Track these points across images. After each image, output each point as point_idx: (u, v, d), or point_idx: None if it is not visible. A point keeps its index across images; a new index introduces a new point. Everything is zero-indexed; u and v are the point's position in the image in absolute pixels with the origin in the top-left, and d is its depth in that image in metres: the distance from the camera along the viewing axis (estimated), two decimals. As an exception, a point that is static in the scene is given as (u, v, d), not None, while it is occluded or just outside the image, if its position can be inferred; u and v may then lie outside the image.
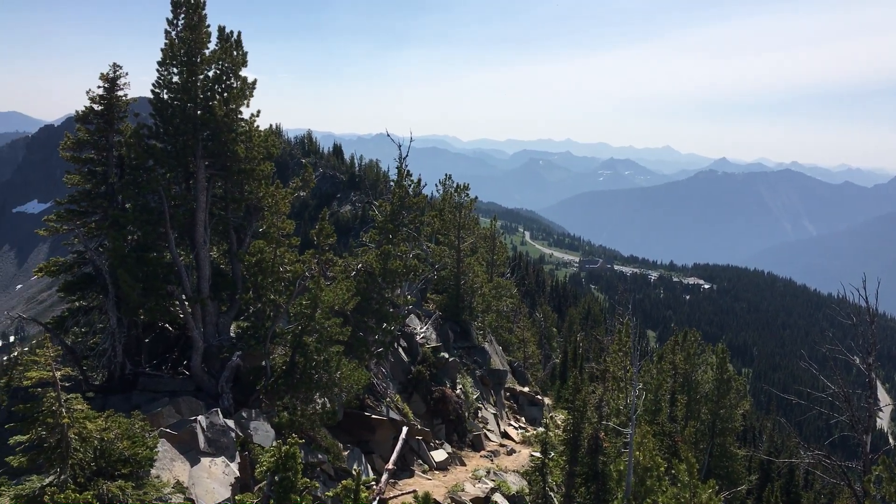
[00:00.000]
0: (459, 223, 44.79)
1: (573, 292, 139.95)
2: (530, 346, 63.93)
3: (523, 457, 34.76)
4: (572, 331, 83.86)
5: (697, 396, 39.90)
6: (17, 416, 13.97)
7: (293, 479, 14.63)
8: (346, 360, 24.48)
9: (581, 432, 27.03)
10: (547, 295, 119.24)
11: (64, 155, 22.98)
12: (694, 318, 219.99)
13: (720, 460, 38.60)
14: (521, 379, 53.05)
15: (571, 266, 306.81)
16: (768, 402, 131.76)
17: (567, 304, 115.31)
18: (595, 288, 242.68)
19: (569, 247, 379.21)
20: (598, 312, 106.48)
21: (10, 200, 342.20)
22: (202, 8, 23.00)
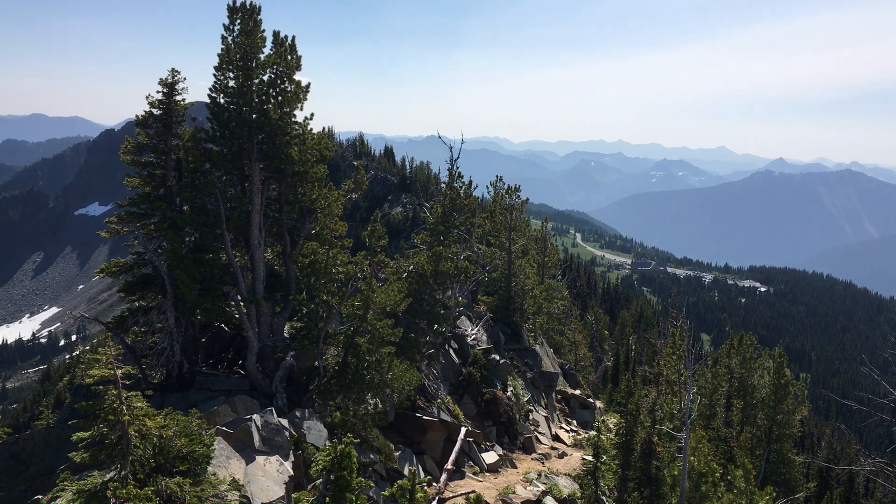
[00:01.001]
0: (510, 225, 44.67)
1: (625, 295, 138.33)
2: (581, 349, 63.42)
3: (575, 460, 34.49)
4: (624, 333, 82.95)
5: (754, 401, 39.14)
6: (79, 412, 14.33)
7: (348, 478, 14.75)
8: (397, 361, 24.59)
9: (634, 436, 26.70)
10: (598, 297, 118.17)
11: (124, 159, 23.53)
12: (749, 322, 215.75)
13: (777, 467, 37.81)
14: (573, 382, 52.65)
15: (623, 268, 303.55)
16: (827, 408, 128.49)
17: (619, 307, 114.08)
18: (647, 290, 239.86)
19: (621, 249, 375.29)
20: (650, 315, 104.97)
21: (73, 203, 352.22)
22: (257, 13, 23.38)
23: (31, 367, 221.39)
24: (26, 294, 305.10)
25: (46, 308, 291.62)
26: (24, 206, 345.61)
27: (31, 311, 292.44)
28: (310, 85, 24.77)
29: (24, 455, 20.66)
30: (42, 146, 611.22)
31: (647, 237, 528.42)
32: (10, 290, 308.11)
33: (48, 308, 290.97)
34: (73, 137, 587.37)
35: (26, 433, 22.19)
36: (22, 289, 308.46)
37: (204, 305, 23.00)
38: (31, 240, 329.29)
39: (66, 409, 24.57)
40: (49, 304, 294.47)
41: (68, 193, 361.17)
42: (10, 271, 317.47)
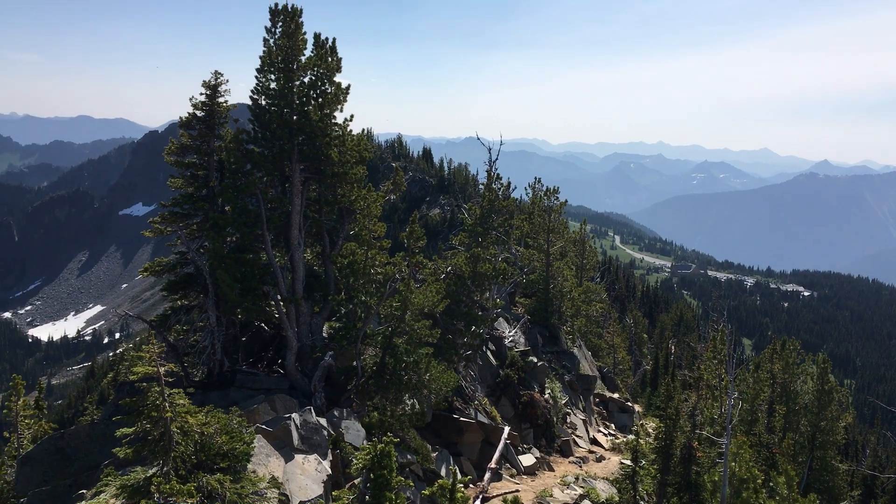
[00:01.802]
0: (549, 227, 44.49)
1: (665, 298, 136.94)
2: (620, 352, 62.91)
3: (613, 464, 34.21)
4: (664, 337, 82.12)
5: (797, 407, 38.49)
6: (123, 409, 14.57)
7: (388, 477, 14.80)
8: (435, 362, 24.62)
9: (673, 441, 26.42)
10: (637, 300, 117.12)
11: (168, 160, 23.90)
12: (792, 327, 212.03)
13: (821, 474, 37.14)
14: (611, 385, 52.23)
15: (663, 271, 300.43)
16: (872, 415, 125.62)
17: (658, 310, 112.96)
18: (687, 294, 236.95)
19: (660, 251, 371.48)
20: (690, 319, 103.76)
21: (117, 203, 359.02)
22: (299, 16, 23.60)
23: (76, 363, 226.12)
24: (72, 292, 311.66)
25: (91, 306, 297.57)
26: (71, 206, 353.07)
27: (77, 309, 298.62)
28: (350, 87, 24.92)
29: (69, 450, 21.07)
30: (88, 147, 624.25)
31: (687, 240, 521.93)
32: (57, 288, 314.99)
33: (93, 306, 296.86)
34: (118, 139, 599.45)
35: (71, 429, 22.63)
36: (68, 287, 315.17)
37: (244, 305, 23.26)
38: (77, 239, 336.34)
39: (110, 406, 25.02)
40: (94, 302, 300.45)
41: (113, 194, 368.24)
42: (57, 270, 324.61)
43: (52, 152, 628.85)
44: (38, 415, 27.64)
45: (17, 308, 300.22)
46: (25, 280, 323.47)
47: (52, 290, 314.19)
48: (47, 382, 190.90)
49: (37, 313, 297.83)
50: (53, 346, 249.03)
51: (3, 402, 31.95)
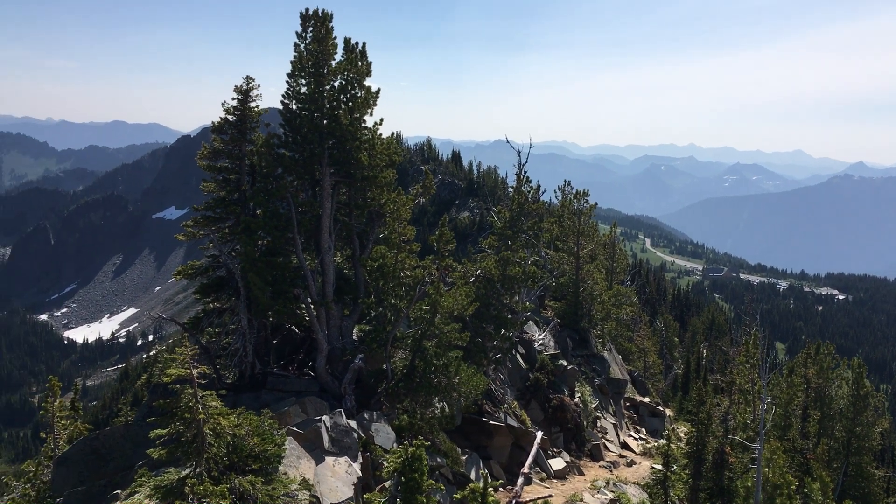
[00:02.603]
0: (578, 230, 44.29)
1: (696, 301, 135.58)
2: (651, 356, 62.38)
3: (644, 469, 33.94)
4: (695, 341, 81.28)
5: (831, 412, 37.92)
6: (157, 410, 14.75)
7: (419, 481, 14.82)
8: (464, 366, 24.64)
9: (705, 446, 26.15)
10: (668, 304, 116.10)
11: (201, 164, 24.20)
12: (827, 331, 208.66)
13: (856, 480, 36.54)
14: (642, 389, 51.84)
15: (694, 274, 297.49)
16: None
17: (689, 314, 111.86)
18: (719, 297, 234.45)
19: (692, 254, 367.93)
20: (722, 322, 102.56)
21: (151, 207, 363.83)
22: (329, 21, 23.77)
23: (111, 365, 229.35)
24: (106, 295, 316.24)
25: (125, 309, 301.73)
26: (105, 209, 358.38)
27: (111, 311, 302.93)
28: (379, 91, 25.05)
29: (104, 451, 21.37)
30: (122, 152, 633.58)
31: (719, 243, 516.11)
32: (92, 290, 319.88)
33: (127, 309, 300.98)
34: (152, 143, 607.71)
35: (106, 429, 22.96)
36: (102, 290, 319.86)
37: (275, 307, 23.45)
38: (112, 242, 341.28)
39: (143, 407, 25.34)
40: (128, 304, 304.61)
41: (146, 198, 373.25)
42: (92, 273, 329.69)
43: (88, 157, 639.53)
44: (73, 416, 28.02)
45: (53, 310, 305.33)
46: (61, 283, 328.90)
47: (88, 292, 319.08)
48: (82, 384, 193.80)
49: (72, 316, 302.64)
50: (88, 347, 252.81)
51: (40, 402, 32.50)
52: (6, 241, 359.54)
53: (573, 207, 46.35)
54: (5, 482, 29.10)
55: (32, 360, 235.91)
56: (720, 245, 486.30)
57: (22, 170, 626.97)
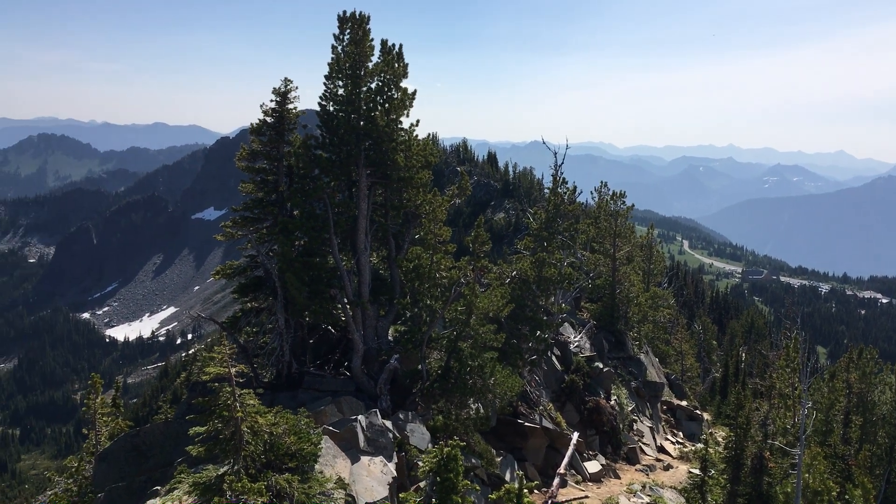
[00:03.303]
0: (615, 231, 43.94)
1: (735, 304, 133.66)
2: (688, 359, 61.68)
3: (681, 473, 33.59)
4: (734, 344, 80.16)
5: (874, 418, 37.09)
6: (196, 408, 14.96)
7: (454, 481, 14.83)
8: (499, 367, 24.60)
9: (744, 450, 25.81)
10: (706, 306, 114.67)
11: (239, 165, 24.48)
12: (870, 335, 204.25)
13: (899, 488, 35.74)
14: (679, 392, 51.28)
15: (733, 277, 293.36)
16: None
17: (728, 317, 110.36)
18: (759, 300, 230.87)
19: (730, 256, 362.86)
20: (762, 326, 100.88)
21: (190, 208, 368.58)
22: (366, 23, 23.91)
23: (151, 363, 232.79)
24: (147, 294, 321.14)
25: (165, 308, 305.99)
26: (146, 210, 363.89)
27: (151, 310, 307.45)
28: (416, 92, 25.13)
29: (144, 447, 21.73)
30: (163, 153, 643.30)
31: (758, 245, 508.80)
32: (133, 289, 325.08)
33: (167, 308, 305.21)
34: (192, 145, 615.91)
35: (146, 426, 23.33)
36: (143, 289, 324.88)
37: (312, 307, 23.65)
38: (152, 242, 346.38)
39: (183, 405, 25.71)
40: (167, 303, 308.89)
41: (186, 198, 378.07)
42: (133, 272, 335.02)
43: (129, 158, 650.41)
44: (115, 413, 28.57)
45: (95, 309, 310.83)
46: (103, 282, 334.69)
47: (129, 291, 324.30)
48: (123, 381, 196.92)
49: (114, 314, 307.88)
50: (129, 346, 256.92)
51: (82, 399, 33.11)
52: (50, 240, 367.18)
53: (610, 209, 46.00)
54: (48, 477, 29.72)
55: (75, 358, 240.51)
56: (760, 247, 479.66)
57: (66, 171, 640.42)
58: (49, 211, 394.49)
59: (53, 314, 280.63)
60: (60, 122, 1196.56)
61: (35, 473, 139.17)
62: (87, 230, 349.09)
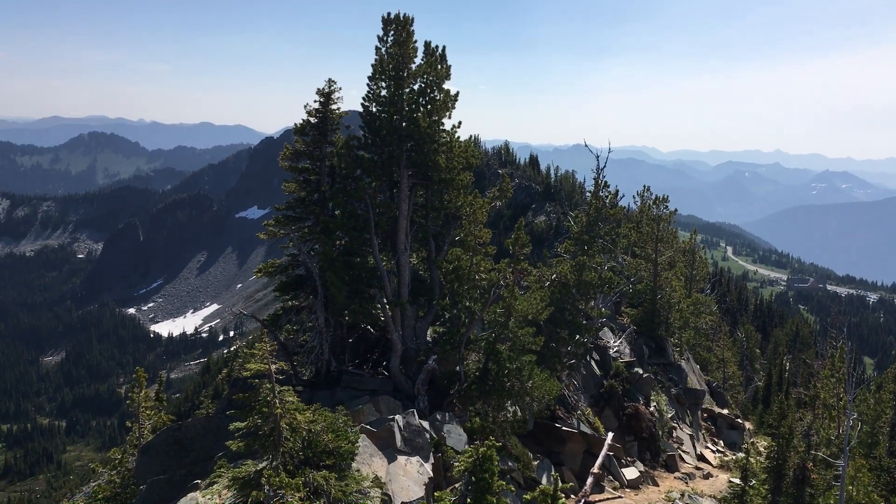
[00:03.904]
0: (657, 236, 43.49)
1: (779, 312, 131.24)
2: (730, 367, 60.78)
3: (721, 482, 33.10)
4: (777, 353, 78.76)
5: (922, 432, 36.15)
6: (236, 404, 15.18)
7: (489, 481, 14.84)
8: (538, 370, 24.52)
9: (786, 461, 25.35)
10: (750, 314, 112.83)
11: (283, 165, 24.76)
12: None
13: (948, 504, 34.74)
14: (720, 400, 50.57)
15: (778, 284, 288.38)
16: None
17: (772, 325, 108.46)
18: (804, 308, 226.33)
19: (775, 264, 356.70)
20: (807, 335, 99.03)
21: (234, 206, 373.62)
22: (410, 24, 24.03)
23: (193, 359, 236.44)
24: (191, 291, 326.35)
25: (208, 304, 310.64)
26: (191, 208, 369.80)
27: (195, 307, 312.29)
28: (458, 94, 25.17)
29: (185, 441, 22.08)
30: (209, 152, 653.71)
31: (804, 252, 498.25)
32: (177, 286, 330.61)
33: (209, 304, 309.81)
34: (237, 144, 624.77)
35: (188, 421, 23.71)
36: (187, 286, 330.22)
37: (352, 307, 23.80)
38: (197, 240, 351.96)
39: (223, 400, 26.10)
40: (210, 300, 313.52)
41: (230, 197, 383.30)
42: (178, 269, 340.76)
43: (176, 157, 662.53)
44: (158, 407, 29.04)
45: (140, 305, 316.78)
46: (149, 278, 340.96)
47: (173, 288, 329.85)
48: (166, 376, 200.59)
49: (158, 310, 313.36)
50: (173, 341, 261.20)
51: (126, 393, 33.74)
52: (99, 237, 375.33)
53: (652, 213, 45.55)
54: (93, 468, 30.37)
55: (120, 352, 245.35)
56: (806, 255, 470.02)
57: (115, 168, 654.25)
58: (98, 208, 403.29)
59: (100, 309, 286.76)
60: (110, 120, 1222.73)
61: (80, 465, 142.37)
62: (134, 227, 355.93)
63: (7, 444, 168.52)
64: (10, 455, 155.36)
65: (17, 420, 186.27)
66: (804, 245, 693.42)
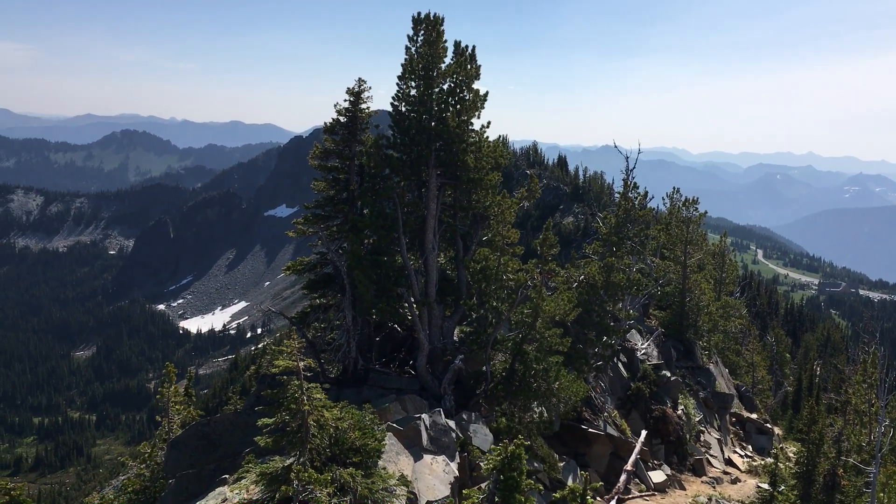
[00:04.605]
0: (686, 238, 43.14)
1: (810, 316, 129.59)
2: (760, 371, 60.11)
3: (749, 487, 32.76)
4: (808, 358, 77.83)
5: (956, 439, 35.54)
6: (264, 400, 15.31)
7: (517, 480, 14.82)
8: (564, 371, 24.44)
9: (816, 466, 25.05)
10: (780, 318, 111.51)
11: (312, 163, 24.91)
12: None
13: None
14: (749, 405, 50.02)
15: (809, 288, 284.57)
16: None
17: (803, 329, 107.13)
18: (836, 313, 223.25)
19: (807, 268, 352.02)
20: (838, 340, 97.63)
21: (263, 205, 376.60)
22: (440, 24, 24.06)
23: (221, 356, 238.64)
24: (220, 288, 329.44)
25: (236, 302, 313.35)
26: (221, 206, 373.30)
27: (224, 304, 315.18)
28: (488, 94, 25.15)
29: (214, 436, 22.29)
30: (238, 151, 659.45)
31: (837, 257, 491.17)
32: (207, 283, 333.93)
33: (238, 302, 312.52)
34: (266, 143, 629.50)
35: (216, 416, 23.94)
36: (216, 283, 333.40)
37: (379, 305, 23.88)
38: (226, 238, 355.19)
39: (252, 396, 26.30)
40: (239, 298, 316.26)
41: (259, 195, 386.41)
42: (207, 266, 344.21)
43: (206, 155, 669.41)
44: (187, 402, 29.35)
45: (170, 301, 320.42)
46: (179, 275, 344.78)
47: (203, 285, 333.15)
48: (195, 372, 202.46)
49: (188, 307, 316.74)
50: (201, 338, 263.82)
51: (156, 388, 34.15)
52: (130, 233, 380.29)
53: (682, 215, 45.22)
54: (123, 462, 30.78)
55: (150, 348, 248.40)
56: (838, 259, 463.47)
57: (146, 166, 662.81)
58: (129, 205, 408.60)
59: (131, 305, 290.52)
60: (142, 118, 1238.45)
61: (109, 458, 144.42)
62: (164, 224, 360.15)
63: (39, 437, 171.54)
64: (41, 448, 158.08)
65: (49, 413, 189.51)
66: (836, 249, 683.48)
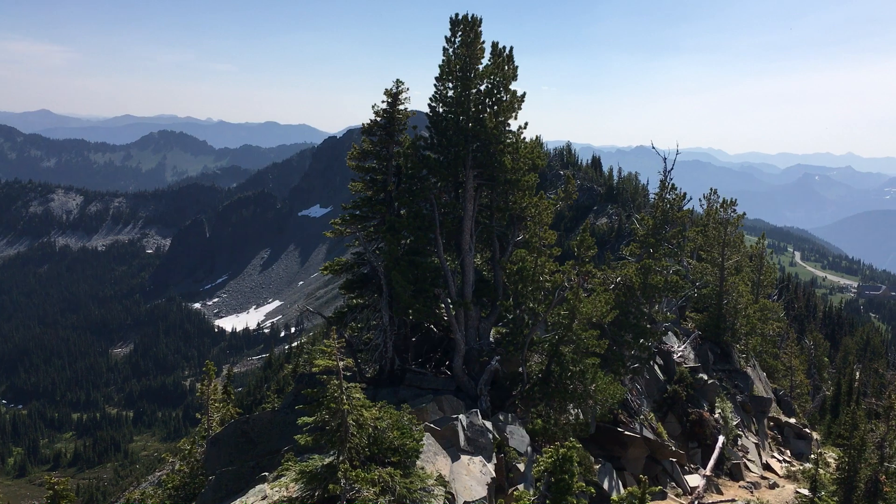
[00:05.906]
0: (724, 240, 42.67)
1: (849, 320, 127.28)
2: (798, 375, 59.22)
3: (787, 493, 32.29)
4: (847, 362, 76.49)
5: None
6: (304, 399, 15.45)
7: (569, 482, 14.81)
8: (601, 373, 24.32)
9: (857, 473, 24.62)
10: (818, 321, 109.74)
11: (350, 164, 25.09)
12: None
13: None
14: (787, 409, 49.32)
15: (848, 291, 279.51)
16: None
17: (842, 333, 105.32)
18: (875, 317, 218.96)
19: (846, 270, 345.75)
20: (878, 344, 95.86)
21: (297, 205, 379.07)
22: (478, 25, 24.08)
23: (255, 354, 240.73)
24: (254, 287, 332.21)
25: (270, 301, 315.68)
26: (256, 206, 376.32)
27: (258, 303, 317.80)
28: (524, 94, 25.12)
29: (252, 434, 22.57)
30: (273, 151, 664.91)
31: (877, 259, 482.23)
32: (241, 282, 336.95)
33: (272, 301, 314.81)
34: (301, 143, 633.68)
35: (255, 414, 24.23)
36: (251, 282, 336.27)
37: (416, 306, 23.97)
38: (261, 237, 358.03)
39: (290, 395, 26.53)
40: (273, 297, 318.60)
41: (293, 195, 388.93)
42: (242, 265, 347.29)
43: (242, 156, 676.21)
44: (225, 399, 29.73)
45: (206, 300, 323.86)
46: (214, 274, 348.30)
47: (237, 284, 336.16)
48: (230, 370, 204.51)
49: (223, 305, 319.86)
50: (236, 336, 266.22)
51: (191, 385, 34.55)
52: (167, 232, 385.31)
53: (719, 216, 44.74)
54: (163, 458, 31.28)
55: (186, 346, 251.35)
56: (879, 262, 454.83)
57: (183, 166, 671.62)
58: (166, 204, 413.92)
59: (167, 303, 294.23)
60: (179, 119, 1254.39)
61: (146, 454, 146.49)
62: (200, 224, 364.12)
63: (77, 433, 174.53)
64: (79, 443, 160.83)
65: (87, 409, 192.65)
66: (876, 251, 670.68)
